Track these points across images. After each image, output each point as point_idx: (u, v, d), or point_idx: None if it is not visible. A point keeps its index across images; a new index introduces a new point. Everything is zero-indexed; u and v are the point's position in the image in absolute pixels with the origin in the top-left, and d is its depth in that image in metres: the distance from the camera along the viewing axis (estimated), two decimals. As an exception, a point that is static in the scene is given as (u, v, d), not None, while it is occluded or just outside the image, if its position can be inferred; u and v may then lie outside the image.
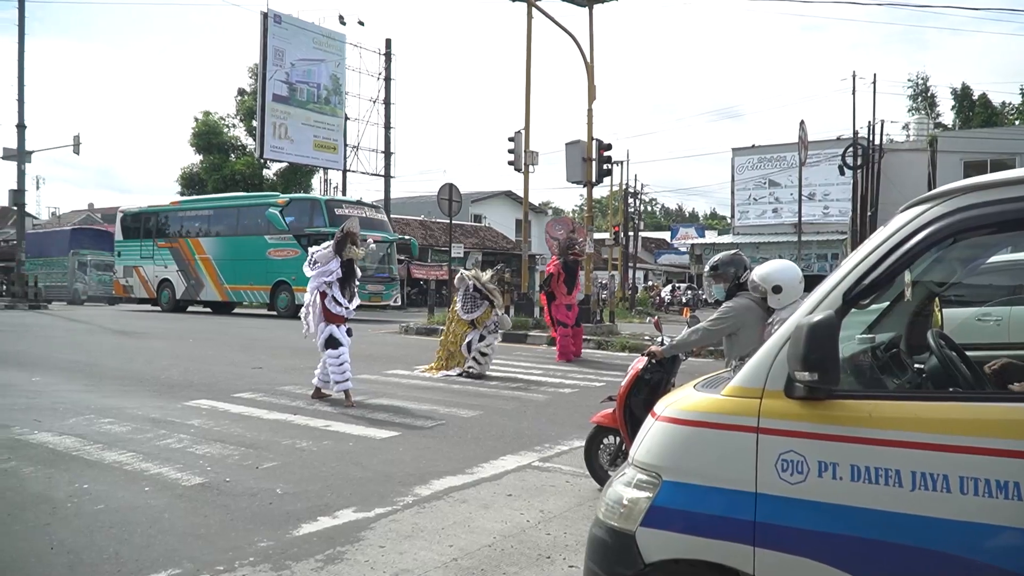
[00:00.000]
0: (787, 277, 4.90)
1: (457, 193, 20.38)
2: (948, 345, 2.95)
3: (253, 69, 40.48)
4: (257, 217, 26.54)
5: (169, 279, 28.81)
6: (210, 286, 27.62)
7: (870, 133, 31.68)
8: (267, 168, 42.82)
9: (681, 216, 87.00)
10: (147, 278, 29.70)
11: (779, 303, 4.84)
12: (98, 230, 45.19)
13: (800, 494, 2.27)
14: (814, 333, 2.17)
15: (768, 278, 4.90)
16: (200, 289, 27.91)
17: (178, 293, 28.58)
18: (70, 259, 40.53)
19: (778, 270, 4.96)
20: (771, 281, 4.88)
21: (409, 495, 5.29)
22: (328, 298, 8.86)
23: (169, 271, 28.81)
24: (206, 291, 27.80)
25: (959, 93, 46.18)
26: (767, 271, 4.96)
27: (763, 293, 4.95)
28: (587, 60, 19.28)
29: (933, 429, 2.14)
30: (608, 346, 15.82)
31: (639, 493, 2.55)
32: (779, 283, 4.86)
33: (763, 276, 4.93)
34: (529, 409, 8.75)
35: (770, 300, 4.89)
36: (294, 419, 7.86)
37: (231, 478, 5.62)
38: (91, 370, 11.30)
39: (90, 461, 6.02)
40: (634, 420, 5.13)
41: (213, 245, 27.66)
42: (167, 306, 28.61)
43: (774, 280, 4.88)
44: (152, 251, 29.64)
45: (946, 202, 2.30)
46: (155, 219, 30.12)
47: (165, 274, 28.91)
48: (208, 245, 27.80)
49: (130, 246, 30.67)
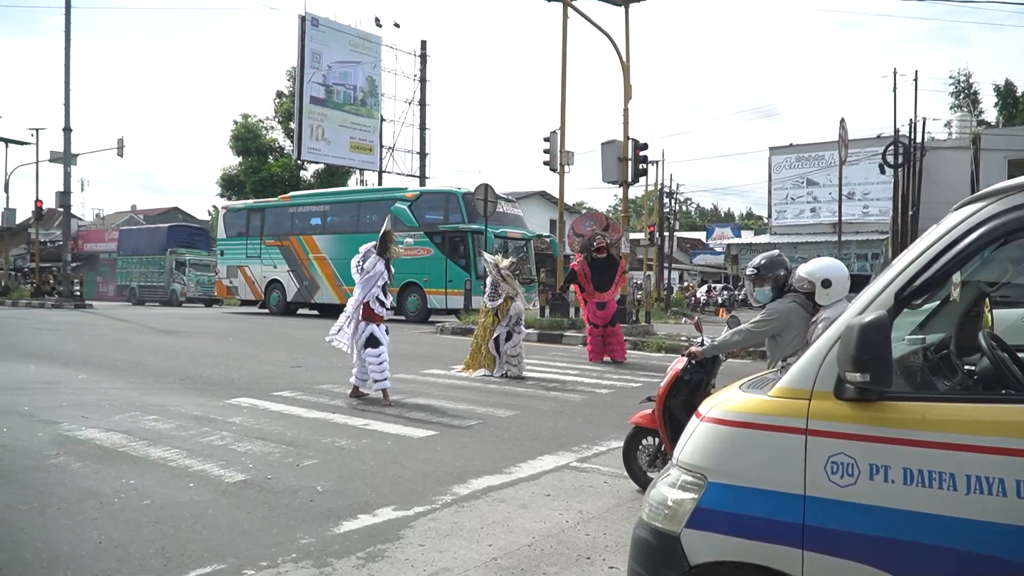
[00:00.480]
0: (837, 273, 4.90)
1: (493, 193, 20.38)
2: (1000, 346, 2.89)
3: (291, 72, 40.96)
4: (381, 212, 23.01)
5: (279, 280, 26.97)
6: (326, 288, 25.64)
7: (911, 131, 31.14)
8: (304, 169, 43.29)
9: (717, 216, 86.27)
10: (254, 279, 27.88)
11: (828, 298, 4.81)
12: (195, 228, 44.19)
13: (851, 497, 2.23)
14: (866, 333, 2.13)
15: (817, 273, 4.88)
16: (314, 291, 26.04)
17: (289, 295, 26.79)
18: (167, 258, 39.17)
19: (826, 266, 4.96)
20: (821, 275, 4.86)
21: (448, 494, 5.31)
22: (373, 298, 8.99)
23: (279, 271, 26.93)
24: (322, 293, 25.83)
25: (1002, 90, 45.23)
26: (816, 267, 4.94)
27: (809, 289, 4.90)
28: (623, 59, 19.19)
29: (988, 432, 2.09)
30: (644, 347, 15.74)
31: (684, 494, 2.52)
32: (829, 277, 4.84)
33: (812, 271, 4.91)
34: (566, 409, 8.73)
35: (818, 296, 4.85)
36: (333, 417, 7.93)
37: (272, 475, 5.68)
38: (135, 368, 11.50)
39: (136, 457, 6.13)
40: (673, 421, 5.10)
41: (330, 243, 25.49)
42: (276, 309, 26.98)
43: (824, 274, 4.86)
44: (259, 250, 27.66)
45: (1001, 200, 2.25)
46: (263, 216, 28.09)
47: (274, 275, 27.06)
48: (324, 243, 25.71)
49: (234, 245, 28.87)
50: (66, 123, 30.83)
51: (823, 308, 4.80)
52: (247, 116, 44.87)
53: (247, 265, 28.21)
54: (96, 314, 26.39)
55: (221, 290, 30.17)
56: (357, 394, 9.17)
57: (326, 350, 10.54)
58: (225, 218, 30.06)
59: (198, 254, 39.55)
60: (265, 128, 45.05)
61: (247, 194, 43.08)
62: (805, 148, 40.44)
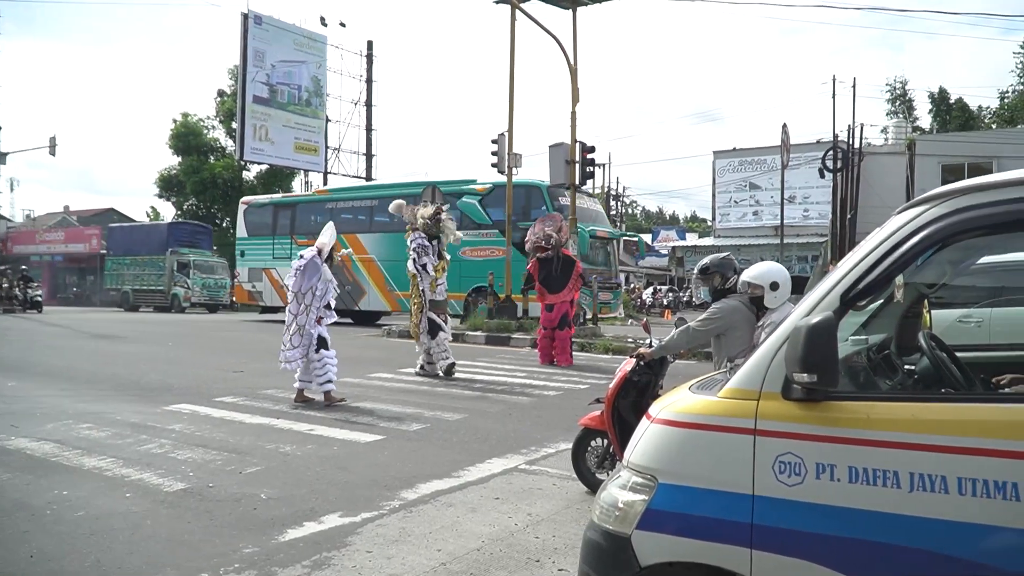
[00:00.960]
0: (782, 275, 5.07)
1: (439, 195, 20.26)
2: (939, 346, 2.95)
3: (233, 71, 40.27)
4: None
5: None
6: (374, 292, 23.04)
7: (849, 136, 31.96)
8: (247, 170, 42.56)
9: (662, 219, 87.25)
10: (282, 283, 23.29)
11: (776, 300, 4.94)
12: (199, 225, 39.76)
13: (798, 496, 2.25)
14: (813, 334, 2.15)
15: (765, 276, 5.01)
16: (359, 296, 23.16)
17: None
18: (167, 259, 35.25)
19: (771, 269, 5.10)
20: (769, 278, 4.99)
21: (395, 499, 5.24)
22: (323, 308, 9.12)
23: None
24: (368, 299, 23.15)
25: (936, 97, 46.62)
26: (762, 270, 5.07)
27: (755, 292, 4.99)
28: (570, 63, 19.29)
29: (931, 430, 2.13)
30: (592, 348, 15.82)
31: (634, 496, 2.52)
32: (776, 280, 4.99)
33: (759, 275, 5.02)
34: (514, 412, 8.71)
35: (767, 299, 4.96)
36: (277, 423, 7.79)
37: (214, 483, 5.54)
38: (68, 374, 11.15)
39: (69, 467, 5.93)
40: (622, 423, 5.12)
41: (379, 243, 22.71)
42: None
43: (771, 277, 5.00)
44: (289, 250, 23.55)
45: (944, 203, 2.29)
46: (294, 212, 25.34)
47: None
48: (371, 243, 22.94)
49: (258, 244, 25.69)
50: (-4, 121, 29.83)
51: (769, 311, 4.88)
52: (187, 115, 43.96)
53: (274, 268, 24.84)
54: (30, 319, 25.54)
55: (241, 295, 27.36)
56: (302, 398, 9.03)
57: (269, 354, 10.39)
58: (246, 215, 26.68)
59: (202, 254, 36.31)
60: (206, 128, 44.19)
61: (187, 195, 42.17)
62: (748, 152, 41.20)
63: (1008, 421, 2.09)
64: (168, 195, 43.48)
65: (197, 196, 41.76)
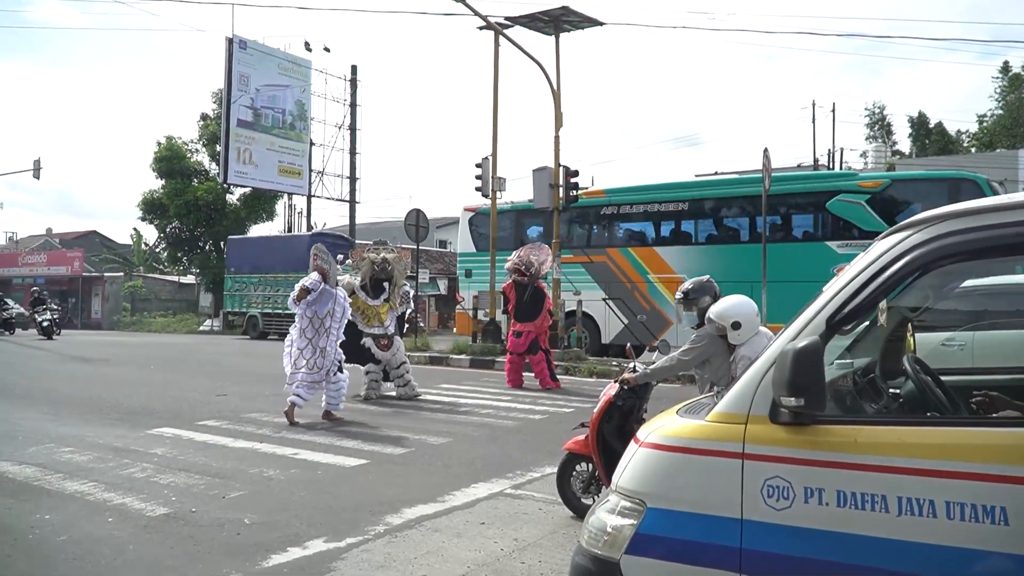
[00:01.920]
0: (745, 312, 4.94)
1: (424, 219, 20.30)
2: (923, 370, 2.98)
3: (217, 94, 40.14)
4: (810, 209, 16.32)
5: (589, 313, 18.10)
6: None
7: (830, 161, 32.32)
8: (230, 193, 42.39)
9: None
10: None
11: (740, 338, 4.87)
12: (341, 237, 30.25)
13: (786, 520, 2.26)
14: (800, 358, 2.17)
15: (725, 314, 4.93)
16: (660, 327, 16.92)
17: (607, 333, 18.17)
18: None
19: (734, 305, 4.99)
20: (729, 317, 4.90)
21: (381, 524, 5.20)
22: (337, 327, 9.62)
23: (587, 299, 17.98)
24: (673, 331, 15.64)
25: (916, 121, 47.27)
26: (724, 307, 4.99)
27: (721, 330, 4.98)
28: (553, 88, 19.43)
29: (918, 454, 2.15)
30: (576, 372, 15.80)
31: (623, 520, 2.52)
32: (737, 319, 4.89)
33: (719, 313, 4.96)
34: (499, 436, 8.69)
35: (730, 336, 4.91)
36: (260, 447, 7.72)
37: (197, 508, 5.49)
38: (50, 398, 11.02)
39: (51, 491, 5.86)
40: (607, 447, 5.11)
41: (698, 258, 16.94)
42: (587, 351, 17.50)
43: (732, 316, 4.90)
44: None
45: (928, 228, 2.33)
46: (549, 220, 18.81)
47: (575, 304, 17.98)
48: (682, 259, 17.24)
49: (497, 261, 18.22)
50: (-22, 143, 29.61)
51: (738, 347, 4.88)
52: (171, 138, 43.77)
53: None
54: (9, 341, 25.19)
55: (464, 325, 21.18)
56: (330, 417, 9.40)
57: (251, 377, 10.31)
58: (473, 224, 20.74)
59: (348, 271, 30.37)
60: (190, 151, 44.03)
61: (170, 218, 41.90)
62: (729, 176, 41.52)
63: (997, 445, 2.11)
64: (151, 218, 43.15)
65: (180, 219, 41.43)
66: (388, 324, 11.28)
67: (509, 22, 20.28)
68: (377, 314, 11.10)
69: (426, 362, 17.52)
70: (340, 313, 9.61)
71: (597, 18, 20.19)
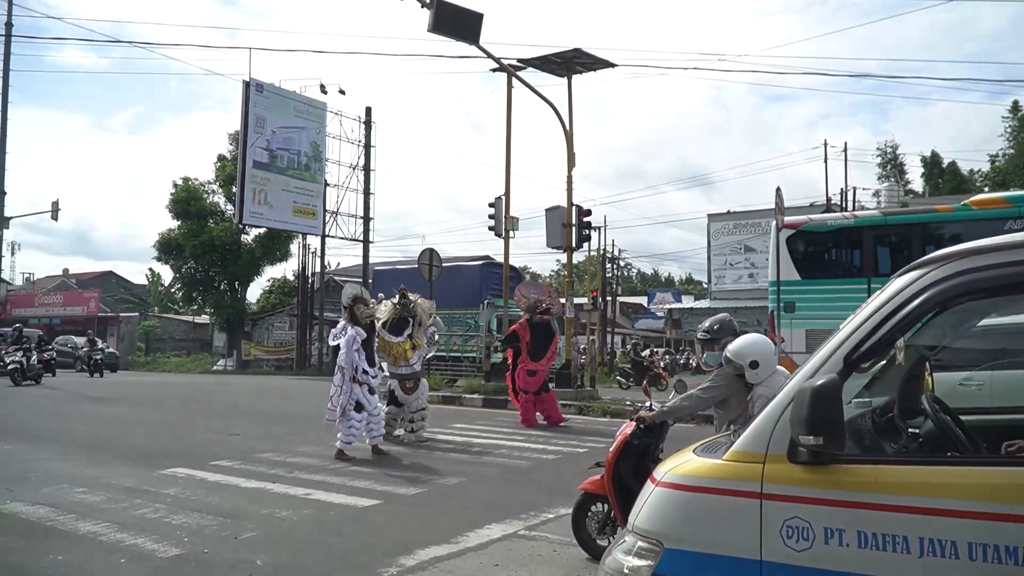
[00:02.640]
0: (762, 351, 4.87)
1: (437, 258, 20.40)
2: (942, 409, 2.95)
3: (234, 136, 40.76)
4: None
5: None
6: None
7: (843, 200, 32.31)
8: (245, 233, 42.80)
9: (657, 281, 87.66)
10: None
11: (757, 378, 4.80)
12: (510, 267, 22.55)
13: (807, 562, 2.22)
14: (818, 396, 2.15)
15: (742, 353, 4.85)
16: None
17: None
18: (483, 313, 24.02)
19: (750, 343, 4.92)
20: (747, 357, 4.83)
21: (393, 566, 5.15)
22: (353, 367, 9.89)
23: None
24: None
25: (928, 160, 47.29)
26: (740, 346, 4.91)
27: (739, 369, 4.92)
28: (566, 128, 19.61)
29: (941, 494, 2.12)
30: (589, 411, 15.70)
31: (640, 561, 2.49)
32: (755, 358, 4.81)
33: (736, 352, 4.88)
34: (513, 476, 8.61)
35: (748, 376, 4.84)
36: (273, 487, 7.68)
37: (209, 549, 5.45)
38: (64, 438, 11.03)
39: (64, 531, 5.84)
40: (623, 487, 5.05)
41: None
42: None
43: (750, 355, 4.82)
44: None
45: (945, 266, 2.32)
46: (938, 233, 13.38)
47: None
48: None
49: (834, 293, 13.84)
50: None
51: (755, 386, 4.82)
52: (187, 179, 44.42)
53: None
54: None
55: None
56: (343, 457, 9.48)
57: (265, 417, 10.31)
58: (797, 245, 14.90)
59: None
60: (206, 192, 44.60)
61: (185, 258, 42.25)
62: (742, 215, 41.65)
63: (1020, 485, 2.08)
64: (167, 258, 43.60)
65: (196, 259, 41.84)
66: (414, 362, 11.25)
67: (522, 64, 20.54)
68: (403, 352, 11.06)
69: (439, 401, 17.46)
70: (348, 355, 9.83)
71: (609, 60, 20.41)
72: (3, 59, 29.86)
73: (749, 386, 4.94)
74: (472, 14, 16.72)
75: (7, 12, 30.24)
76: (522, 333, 13.63)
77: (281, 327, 41.45)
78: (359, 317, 10.11)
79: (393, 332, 11.09)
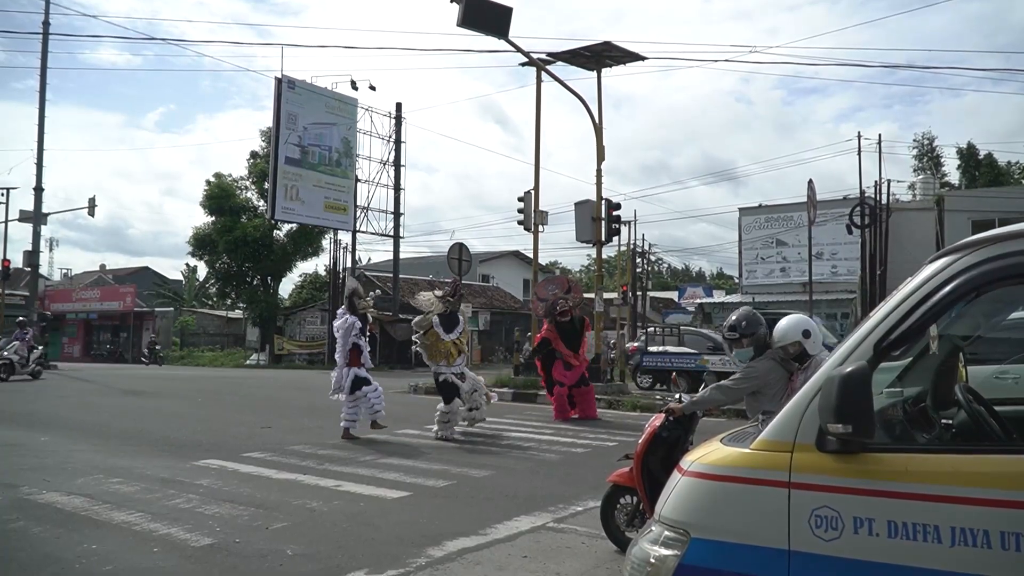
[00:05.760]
0: (807, 322, 4.96)
1: (467, 252, 20.45)
2: (976, 399, 2.89)
3: (266, 132, 41.11)
4: None
5: None
6: None
7: (877, 193, 31.82)
8: (277, 229, 43.20)
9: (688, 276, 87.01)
10: None
11: (815, 346, 4.83)
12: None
13: (835, 551, 2.19)
14: (847, 384, 2.12)
15: (792, 331, 4.86)
16: None
17: None
18: None
19: (793, 321, 4.96)
20: (798, 329, 4.86)
21: (422, 557, 5.17)
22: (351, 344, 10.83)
23: None
24: None
25: (965, 152, 46.40)
26: (786, 327, 4.91)
27: (795, 351, 4.88)
28: (595, 122, 19.52)
29: (972, 483, 2.08)
30: (619, 406, 15.66)
31: (666, 551, 2.47)
32: (805, 327, 4.89)
33: (784, 334, 4.87)
34: (542, 469, 8.61)
35: (807, 347, 4.85)
36: (304, 479, 7.76)
37: (241, 539, 5.51)
38: (100, 430, 11.23)
39: (99, 521, 5.94)
40: (652, 479, 5.02)
41: None
42: None
43: (800, 327, 4.88)
44: None
45: (978, 251, 2.27)
46: None
47: None
48: None
49: None
50: (38, 183, 30.64)
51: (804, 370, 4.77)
52: (221, 176, 44.90)
53: None
54: (59, 374, 25.71)
55: None
56: (348, 436, 10.35)
57: (296, 411, 10.43)
58: None
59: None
60: (239, 188, 45.06)
61: (219, 253, 42.70)
62: (774, 209, 41.13)
63: None
64: (201, 254, 44.12)
65: (229, 254, 42.30)
66: (459, 362, 11.27)
67: (551, 58, 20.47)
68: (448, 351, 11.00)
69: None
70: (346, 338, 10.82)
71: (639, 53, 20.26)
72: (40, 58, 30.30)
73: (791, 373, 4.90)
74: (501, 8, 16.71)
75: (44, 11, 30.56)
76: (552, 338, 13.65)
77: (313, 322, 41.81)
78: (357, 308, 10.99)
79: (446, 328, 11.07)
